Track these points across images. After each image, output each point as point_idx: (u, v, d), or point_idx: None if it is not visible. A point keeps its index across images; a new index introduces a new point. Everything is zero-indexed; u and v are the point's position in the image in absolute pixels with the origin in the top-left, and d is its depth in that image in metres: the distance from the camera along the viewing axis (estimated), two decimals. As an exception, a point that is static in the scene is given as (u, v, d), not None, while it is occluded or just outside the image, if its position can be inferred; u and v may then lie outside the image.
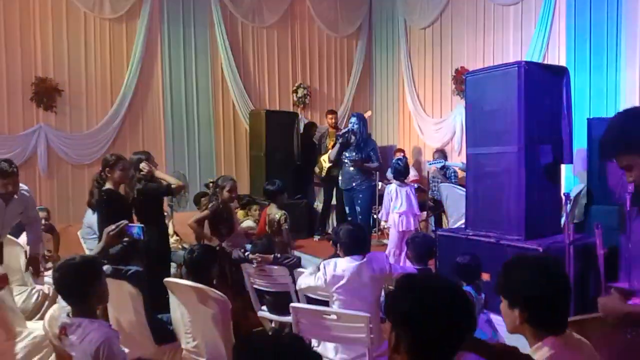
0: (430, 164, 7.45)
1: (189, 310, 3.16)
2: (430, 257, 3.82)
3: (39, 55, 7.20)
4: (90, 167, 7.54)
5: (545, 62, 6.54)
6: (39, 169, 7.21)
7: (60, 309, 2.55)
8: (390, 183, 5.96)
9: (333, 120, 8.16)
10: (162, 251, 4.41)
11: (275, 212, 4.98)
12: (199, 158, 8.38)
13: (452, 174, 7.11)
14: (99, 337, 2.30)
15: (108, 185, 4.22)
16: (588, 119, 5.44)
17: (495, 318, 3.23)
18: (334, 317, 2.83)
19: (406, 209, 5.70)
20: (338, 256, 4.27)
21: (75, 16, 7.43)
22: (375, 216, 7.31)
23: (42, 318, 3.48)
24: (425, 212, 7.13)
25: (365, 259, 3.22)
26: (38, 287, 4.82)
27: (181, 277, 3.81)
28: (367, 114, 7.27)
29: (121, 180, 4.32)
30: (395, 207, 5.70)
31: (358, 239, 3.34)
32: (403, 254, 5.45)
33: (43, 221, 5.25)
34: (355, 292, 3.13)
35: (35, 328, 3.36)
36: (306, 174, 8.25)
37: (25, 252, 4.92)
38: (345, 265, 3.19)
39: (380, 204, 7.02)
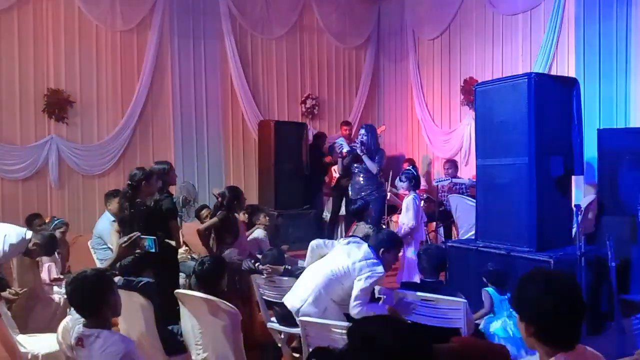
0: (436, 182, 7.42)
1: (200, 322, 3.16)
2: (442, 269, 3.81)
3: (51, 66, 7.28)
4: (100, 177, 7.61)
5: (554, 72, 6.54)
6: (50, 180, 7.26)
7: (72, 320, 2.56)
8: (399, 193, 5.91)
9: (348, 132, 8.21)
10: (171, 262, 4.41)
11: (364, 228, 5.14)
12: (208, 168, 8.42)
13: (463, 186, 7.08)
14: (122, 349, 2.33)
15: (139, 198, 4.18)
16: (598, 129, 5.42)
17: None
18: (342, 331, 2.82)
19: (423, 219, 5.69)
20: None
21: (87, 28, 7.51)
22: (384, 227, 7.28)
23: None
24: (434, 223, 7.11)
25: None
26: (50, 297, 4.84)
27: (190, 288, 3.82)
28: (380, 129, 7.30)
29: (153, 193, 4.33)
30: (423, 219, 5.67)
31: None
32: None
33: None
34: None
35: (39, 346, 3.37)
36: (315, 184, 8.27)
37: (38, 261, 4.95)
38: None
39: (389, 214, 7.02)
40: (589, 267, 3.94)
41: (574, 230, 4.48)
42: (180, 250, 6.24)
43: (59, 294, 4.56)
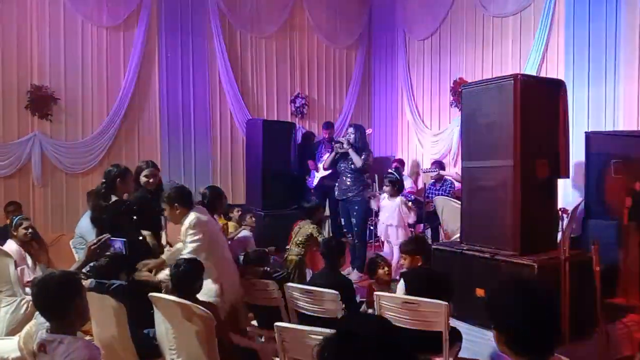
0: (424, 172, 7.39)
1: (174, 326, 3.09)
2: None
3: (35, 63, 7.18)
4: (84, 175, 7.51)
5: (544, 74, 6.50)
6: (33, 178, 7.16)
7: (36, 325, 2.48)
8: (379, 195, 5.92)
9: (328, 135, 8.07)
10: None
11: (308, 227, 5.03)
12: (195, 167, 8.34)
13: (449, 186, 7.03)
14: (85, 355, 2.25)
15: (115, 197, 4.09)
16: (586, 132, 5.38)
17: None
18: (319, 337, 2.74)
19: (394, 221, 5.65)
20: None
21: (72, 24, 7.41)
22: (371, 227, 7.25)
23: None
24: (422, 225, 7.06)
25: None
26: (27, 298, 4.74)
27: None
28: (367, 132, 7.24)
29: (129, 190, 4.25)
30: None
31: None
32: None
33: (30, 230, 5.20)
34: None
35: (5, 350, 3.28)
36: (303, 184, 8.19)
37: (15, 261, 4.86)
38: None
39: (377, 215, 6.96)
40: (574, 271, 3.89)
41: (559, 233, 4.44)
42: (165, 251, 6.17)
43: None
